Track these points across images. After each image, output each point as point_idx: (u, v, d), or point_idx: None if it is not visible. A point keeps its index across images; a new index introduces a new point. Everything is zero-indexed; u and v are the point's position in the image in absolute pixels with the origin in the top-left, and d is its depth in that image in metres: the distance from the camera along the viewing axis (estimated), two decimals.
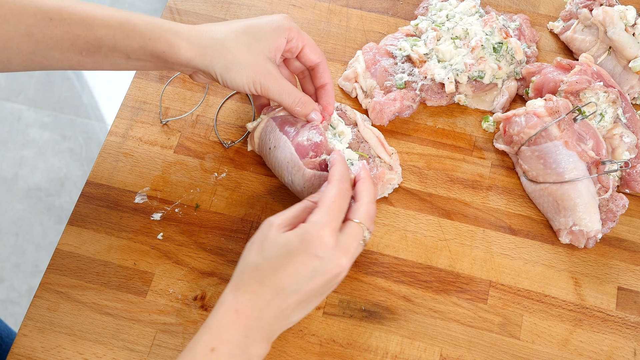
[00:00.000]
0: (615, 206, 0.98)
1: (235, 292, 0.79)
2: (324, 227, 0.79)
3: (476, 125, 1.07)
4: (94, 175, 1.02)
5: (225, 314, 0.78)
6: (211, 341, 0.77)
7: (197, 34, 0.88)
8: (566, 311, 0.94)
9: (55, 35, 0.85)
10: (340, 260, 0.80)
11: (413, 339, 0.92)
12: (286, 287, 0.78)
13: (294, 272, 0.78)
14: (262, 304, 0.78)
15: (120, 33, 0.86)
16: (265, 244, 0.80)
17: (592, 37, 1.08)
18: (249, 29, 0.89)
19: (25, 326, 0.91)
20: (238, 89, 0.90)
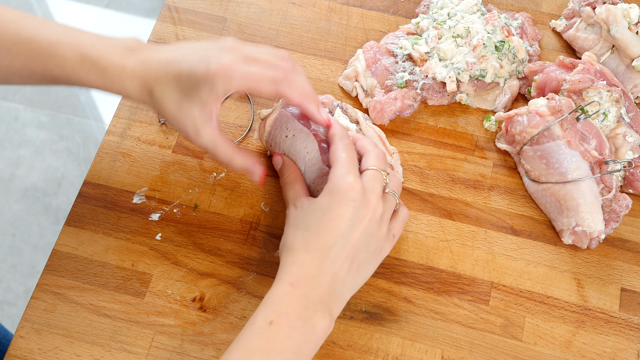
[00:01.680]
0: (619, 206, 0.97)
1: (286, 269, 0.81)
2: (345, 176, 0.83)
3: (478, 125, 1.06)
4: (92, 175, 1.01)
5: (280, 289, 0.79)
6: (269, 315, 0.78)
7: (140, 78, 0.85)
8: (569, 312, 0.94)
9: (13, 66, 0.86)
10: (370, 200, 0.83)
11: (414, 340, 0.92)
12: (332, 245, 0.81)
13: (334, 227, 0.81)
14: (314, 271, 0.80)
15: (74, 76, 0.86)
16: (300, 218, 0.83)
17: (595, 35, 1.08)
18: (179, 80, 0.84)
19: (22, 328, 0.91)
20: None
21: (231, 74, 0.82)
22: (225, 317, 0.92)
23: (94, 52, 0.85)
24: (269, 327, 0.77)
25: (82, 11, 2.61)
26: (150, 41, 1.11)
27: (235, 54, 0.84)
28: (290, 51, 1.11)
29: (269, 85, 0.84)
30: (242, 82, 0.83)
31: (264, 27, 1.13)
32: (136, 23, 2.60)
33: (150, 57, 0.85)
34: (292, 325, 0.77)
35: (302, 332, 0.78)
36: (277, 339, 0.77)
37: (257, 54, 0.86)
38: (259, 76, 0.84)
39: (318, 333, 0.79)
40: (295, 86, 0.86)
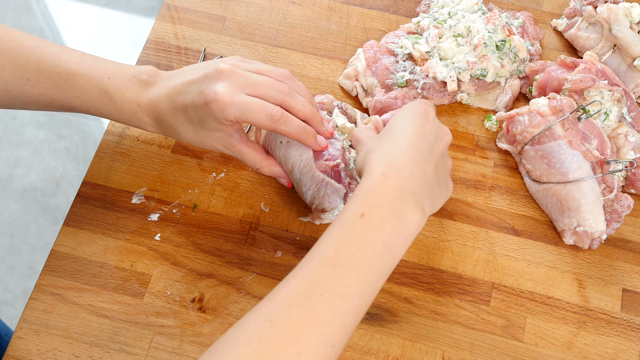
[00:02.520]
0: (620, 206, 0.97)
1: (377, 161, 0.80)
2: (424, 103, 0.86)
3: (479, 125, 1.06)
4: (91, 175, 1.01)
5: (373, 179, 0.78)
6: (360, 207, 0.76)
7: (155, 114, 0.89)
8: (570, 313, 0.93)
9: (31, 94, 0.89)
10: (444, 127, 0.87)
11: (415, 341, 0.91)
12: (421, 146, 0.82)
13: (419, 132, 0.83)
14: (407, 163, 0.80)
15: (92, 107, 0.90)
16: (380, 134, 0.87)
17: (596, 34, 1.08)
18: (187, 112, 0.87)
19: (21, 328, 0.90)
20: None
21: (224, 106, 0.83)
22: (225, 317, 0.91)
23: (111, 86, 0.89)
24: (360, 219, 0.75)
25: (81, 10, 2.61)
26: (150, 40, 1.11)
27: (232, 81, 0.85)
28: (290, 50, 1.11)
29: (265, 121, 0.85)
30: (238, 114, 0.84)
31: (263, 26, 1.13)
32: (135, 22, 2.60)
33: (159, 93, 0.88)
34: (384, 217, 0.76)
35: (394, 224, 0.76)
36: (369, 231, 0.75)
37: (255, 80, 0.86)
38: (256, 109, 0.84)
39: (409, 227, 0.77)
40: (291, 124, 0.87)
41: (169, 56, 1.10)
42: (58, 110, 0.92)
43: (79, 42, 2.52)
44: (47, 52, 0.89)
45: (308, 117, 0.88)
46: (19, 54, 0.88)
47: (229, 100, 0.83)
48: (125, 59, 2.48)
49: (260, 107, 0.84)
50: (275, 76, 0.88)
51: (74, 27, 2.58)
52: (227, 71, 0.85)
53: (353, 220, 0.75)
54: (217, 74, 0.85)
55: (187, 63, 1.09)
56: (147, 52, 1.10)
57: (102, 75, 0.89)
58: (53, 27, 2.58)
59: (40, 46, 0.90)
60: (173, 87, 0.87)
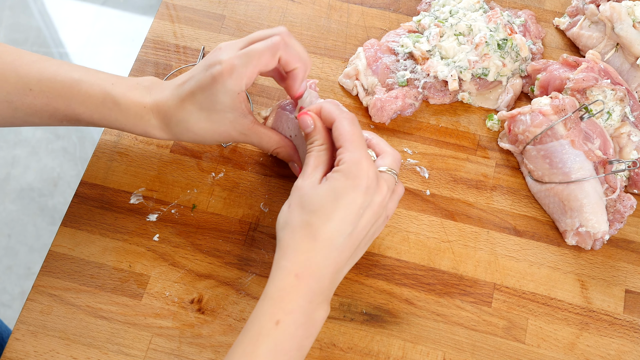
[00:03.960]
0: (623, 207, 0.97)
1: (289, 256, 0.78)
2: (360, 160, 0.79)
3: (480, 124, 1.06)
4: (88, 175, 1.00)
5: (285, 281, 0.77)
6: (275, 314, 0.76)
7: (162, 114, 0.89)
8: (572, 314, 0.93)
9: (34, 105, 0.89)
10: (382, 189, 0.81)
11: (416, 343, 0.91)
12: (342, 234, 0.78)
13: (346, 214, 0.78)
14: (321, 261, 0.78)
15: (97, 114, 0.89)
16: (307, 200, 0.79)
17: (599, 33, 1.07)
18: (195, 98, 0.87)
19: (18, 330, 0.90)
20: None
21: (231, 69, 0.83)
22: (224, 319, 0.91)
23: (116, 90, 0.88)
24: (275, 327, 0.75)
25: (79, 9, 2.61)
26: (148, 39, 1.11)
27: (231, 49, 0.85)
28: None
29: (270, 55, 0.84)
30: (244, 67, 0.84)
31: (263, 24, 1.13)
32: (133, 21, 2.60)
33: (163, 93, 0.89)
34: (298, 323, 0.76)
35: (305, 327, 0.77)
36: (284, 340, 0.75)
37: (250, 36, 0.87)
38: (258, 50, 0.84)
39: (318, 325, 0.79)
40: (294, 47, 0.86)
41: (167, 55, 1.09)
42: (61, 122, 0.91)
43: (76, 41, 2.52)
44: (49, 64, 0.89)
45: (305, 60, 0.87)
46: (20, 65, 0.88)
47: (231, 63, 0.83)
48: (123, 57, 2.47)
49: (261, 47, 0.84)
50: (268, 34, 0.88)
51: (72, 25, 2.57)
52: (224, 45, 0.87)
53: (268, 328, 0.75)
54: (216, 50, 0.87)
55: (186, 62, 1.09)
56: (146, 51, 1.10)
57: (105, 82, 0.89)
58: (50, 26, 2.57)
59: (42, 59, 0.90)
60: (176, 84, 0.88)
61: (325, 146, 0.84)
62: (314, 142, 0.84)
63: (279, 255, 0.79)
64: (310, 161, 0.83)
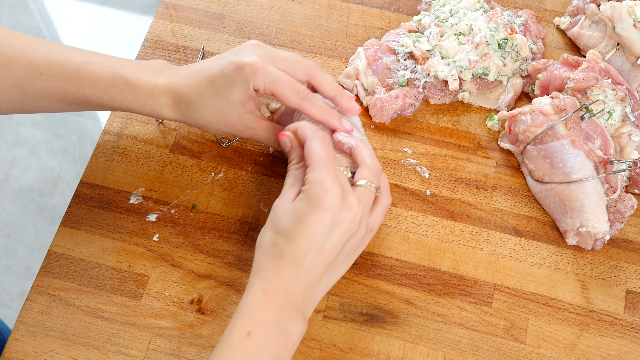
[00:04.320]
0: (624, 207, 0.96)
1: (259, 273, 0.79)
2: (323, 179, 0.78)
3: (480, 124, 1.05)
4: (88, 175, 1.00)
5: (254, 297, 0.78)
6: (246, 325, 0.77)
7: (174, 92, 0.90)
8: (573, 315, 0.93)
9: (44, 88, 0.89)
10: (352, 205, 0.79)
11: (416, 343, 0.91)
12: (307, 253, 0.78)
13: (309, 234, 0.78)
14: (288, 278, 0.78)
15: (106, 94, 0.90)
16: (276, 220, 0.80)
17: (599, 33, 1.07)
18: (213, 83, 0.88)
19: (17, 330, 0.90)
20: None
21: (257, 71, 0.85)
22: (224, 319, 0.91)
23: (126, 70, 0.89)
24: (247, 338, 0.76)
25: (79, 8, 2.60)
26: (148, 39, 1.10)
27: (263, 52, 0.87)
28: (290, 49, 1.11)
29: (293, 95, 0.86)
30: (268, 82, 0.85)
31: (262, 24, 1.13)
32: (133, 20, 2.59)
33: (179, 72, 0.90)
34: (269, 334, 0.77)
35: (279, 339, 0.78)
36: (256, 351, 0.77)
37: (284, 54, 0.88)
38: (286, 82, 0.86)
39: (293, 339, 0.79)
40: (316, 103, 0.87)
41: (167, 55, 1.09)
42: (70, 105, 0.91)
43: (76, 41, 2.52)
44: (58, 48, 0.90)
45: (336, 92, 0.89)
46: (29, 49, 0.89)
47: (262, 66, 0.85)
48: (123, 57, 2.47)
49: (290, 81, 0.86)
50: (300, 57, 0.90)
51: (71, 25, 2.57)
52: (257, 44, 0.88)
53: (240, 340, 0.76)
54: (247, 47, 0.88)
55: (186, 62, 1.09)
56: (145, 51, 1.10)
57: (115, 63, 0.90)
58: (50, 26, 2.57)
59: (51, 44, 0.91)
60: (197, 68, 0.89)
61: (301, 164, 0.84)
62: (291, 160, 0.85)
63: (251, 274, 0.80)
64: (287, 180, 0.83)
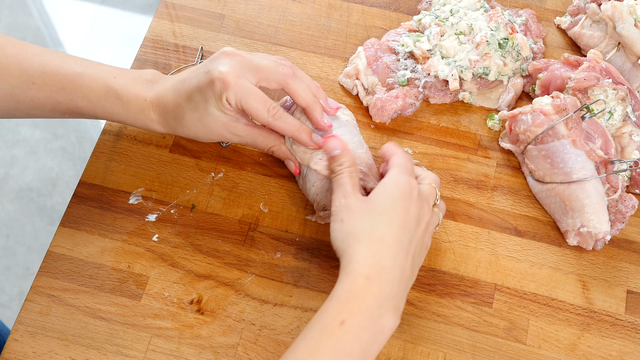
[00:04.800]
0: (625, 207, 0.96)
1: (358, 258, 0.78)
2: (408, 177, 0.83)
3: (481, 124, 1.05)
4: (87, 175, 1.00)
5: (355, 282, 0.76)
6: (341, 313, 0.75)
7: (160, 108, 0.90)
8: (574, 315, 0.93)
9: (37, 98, 0.90)
10: (425, 206, 0.84)
11: (416, 343, 0.90)
12: (403, 238, 0.79)
13: (406, 220, 0.80)
14: (390, 264, 0.78)
15: (99, 107, 0.91)
16: (366, 207, 0.81)
17: (600, 32, 1.07)
18: (191, 98, 0.88)
19: (16, 331, 0.90)
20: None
21: (227, 87, 0.85)
22: (224, 319, 0.91)
23: (117, 84, 0.90)
24: (339, 327, 0.74)
25: (78, 8, 2.60)
26: (147, 38, 1.10)
27: (237, 62, 0.87)
28: (290, 49, 1.11)
29: (263, 113, 0.87)
30: (239, 98, 0.86)
31: (262, 24, 1.12)
32: (132, 20, 2.59)
33: (164, 87, 0.90)
34: (363, 326, 0.75)
35: (371, 332, 0.76)
36: (346, 341, 0.74)
37: (259, 62, 0.88)
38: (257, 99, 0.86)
39: (385, 333, 0.77)
40: (286, 122, 0.89)
41: (166, 54, 1.09)
42: (63, 115, 0.92)
43: (75, 41, 2.52)
44: (52, 57, 0.90)
45: (308, 104, 0.89)
46: (23, 58, 0.89)
47: (234, 81, 0.85)
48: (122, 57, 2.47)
49: (261, 99, 0.86)
50: (278, 61, 0.90)
51: (71, 25, 2.57)
52: (231, 52, 0.88)
53: (332, 327, 0.75)
54: (222, 55, 0.87)
55: (185, 61, 1.08)
56: (145, 50, 1.10)
57: (108, 75, 0.90)
58: (49, 25, 2.57)
59: (45, 52, 0.91)
60: (179, 78, 0.89)
61: (355, 167, 0.86)
62: (343, 163, 0.86)
63: (345, 262, 0.79)
64: (345, 181, 0.84)
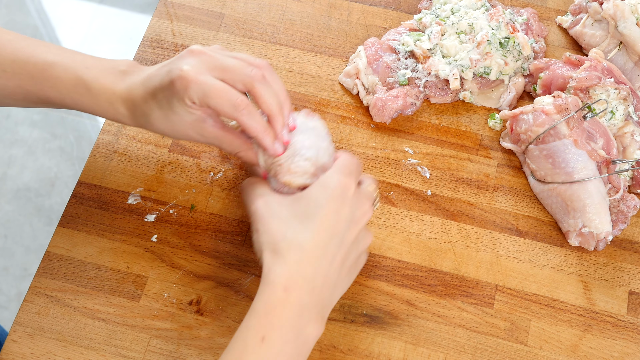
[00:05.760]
0: (627, 207, 0.96)
1: (276, 269, 0.75)
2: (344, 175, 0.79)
3: (482, 123, 1.05)
4: (86, 175, 1.00)
5: (273, 295, 0.74)
6: (260, 329, 0.73)
7: (129, 102, 0.85)
8: (575, 316, 0.92)
9: (7, 87, 0.88)
10: (365, 205, 0.80)
11: (417, 345, 0.90)
12: (329, 243, 0.76)
13: (332, 223, 0.76)
14: (310, 273, 0.75)
15: (68, 98, 0.87)
16: (284, 210, 0.78)
17: (602, 31, 1.07)
18: (156, 96, 0.83)
19: (15, 332, 0.89)
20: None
21: (188, 85, 0.79)
22: (223, 320, 0.90)
23: (89, 75, 0.86)
24: (261, 343, 0.72)
25: (77, 7, 2.60)
26: (146, 38, 1.10)
27: (200, 60, 0.81)
28: (290, 48, 1.10)
29: (228, 108, 0.80)
30: (201, 95, 0.79)
31: (262, 23, 1.12)
32: (131, 19, 2.59)
33: (135, 81, 0.85)
34: (285, 339, 0.73)
35: (295, 344, 0.74)
36: (270, 356, 0.73)
37: (225, 62, 0.82)
38: (220, 93, 0.79)
39: (309, 343, 0.76)
40: (254, 117, 0.81)
41: (165, 53, 1.09)
42: (35, 104, 0.90)
43: (74, 40, 2.51)
44: (24, 45, 0.88)
45: (271, 112, 0.82)
46: None
47: (194, 78, 0.79)
48: (121, 56, 2.46)
49: (225, 93, 0.79)
50: (251, 62, 0.83)
51: (69, 24, 2.57)
52: (197, 51, 0.82)
53: (254, 344, 0.73)
54: (188, 53, 0.82)
55: None
56: (144, 50, 1.09)
57: (79, 65, 0.87)
58: (47, 24, 2.57)
59: (17, 39, 0.88)
60: (148, 73, 0.84)
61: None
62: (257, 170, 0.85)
63: (263, 274, 0.76)
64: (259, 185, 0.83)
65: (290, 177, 0.82)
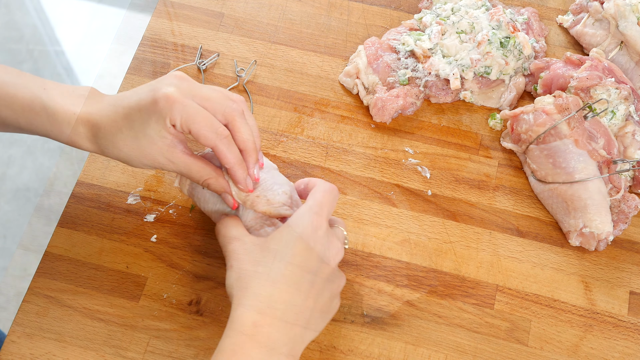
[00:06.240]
0: (627, 207, 0.96)
1: (248, 303, 0.75)
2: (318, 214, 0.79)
3: (482, 123, 1.05)
4: (85, 175, 0.99)
5: (241, 331, 0.74)
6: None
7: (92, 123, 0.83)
8: (576, 316, 0.92)
9: None
10: (336, 245, 0.81)
11: (417, 345, 0.90)
12: (302, 279, 0.76)
13: (303, 261, 0.77)
14: (282, 308, 0.75)
15: (22, 118, 0.85)
16: (258, 248, 0.78)
17: (603, 31, 1.07)
18: (129, 116, 0.81)
19: (14, 332, 0.89)
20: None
21: (173, 105, 0.79)
22: (223, 321, 0.90)
23: (46, 95, 0.84)
24: None
25: (76, 6, 2.60)
26: (146, 37, 1.10)
27: (185, 86, 0.81)
28: (289, 47, 1.10)
29: (210, 134, 0.80)
30: (184, 117, 0.79)
31: (262, 22, 1.12)
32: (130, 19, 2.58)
33: (99, 103, 0.84)
34: None
35: None
36: None
37: (207, 91, 0.82)
38: (204, 120, 0.80)
39: None
40: (233, 149, 0.82)
41: (165, 53, 1.08)
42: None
43: (73, 39, 2.51)
44: None
45: (247, 148, 0.83)
46: None
47: (180, 99, 0.79)
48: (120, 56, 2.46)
49: (208, 120, 0.80)
50: (229, 96, 0.84)
51: (68, 23, 2.56)
52: (180, 76, 0.82)
53: None
54: (171, 77, 0.82)
55: (184, 60, 1.08)
56: (143, 49, 1.09)
57: (37, 86, 0.85)
58: (47, 24, 2.56)
59: None
60: (118, 96, 0.83)
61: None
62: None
63: (232, 309, 0.76)
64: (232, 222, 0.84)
65: (268, 207, 0.84)
